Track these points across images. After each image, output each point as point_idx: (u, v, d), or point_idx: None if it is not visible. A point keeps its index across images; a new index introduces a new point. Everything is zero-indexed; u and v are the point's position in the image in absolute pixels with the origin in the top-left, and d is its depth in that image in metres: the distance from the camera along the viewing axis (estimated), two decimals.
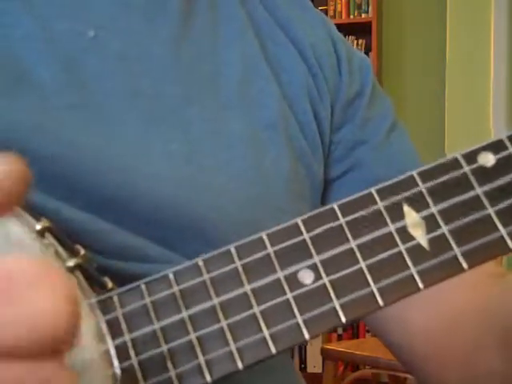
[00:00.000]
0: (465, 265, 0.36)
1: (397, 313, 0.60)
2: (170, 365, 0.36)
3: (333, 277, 0.37)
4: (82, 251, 0.40)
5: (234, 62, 0.58)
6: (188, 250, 0.49)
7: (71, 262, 0.38)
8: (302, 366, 3.67)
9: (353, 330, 3.66)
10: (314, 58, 0.62)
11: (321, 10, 3.68)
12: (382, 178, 0.62)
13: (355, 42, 3.69)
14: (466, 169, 0.38)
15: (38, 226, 0.39)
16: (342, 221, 0.38)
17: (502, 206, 0.37)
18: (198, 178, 0.51)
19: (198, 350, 0.37)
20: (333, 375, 2.47)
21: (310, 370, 3.64)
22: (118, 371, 0.36)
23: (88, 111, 0.50)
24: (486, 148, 0.38)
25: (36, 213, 0.41)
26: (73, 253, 0.40)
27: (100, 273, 0.41)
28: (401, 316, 0.60)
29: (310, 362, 3.65)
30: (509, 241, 0.36)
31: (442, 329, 0.59)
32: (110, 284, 0.40)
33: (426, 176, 0.38)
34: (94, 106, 0.50)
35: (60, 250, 0.39)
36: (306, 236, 0.38)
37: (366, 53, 3.64)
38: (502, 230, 0.36)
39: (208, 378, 0.36)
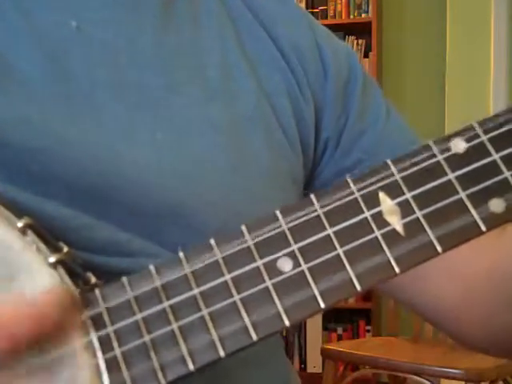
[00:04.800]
0: (439, 248, 0.37)
1: (412, 283, 0.62)
2: (152, 355, 0.37)
3: (311, 264, 0.38)
4: (66, 248, 0.40)
5: (215, 55, 0.58)
6: (172, 241, 0.49)
7: (53, 258, 0.39)
8: (302, 366, 3.66)
9: (353, 329, 3.66)
10: (293, 54, 0.62)
11: (321, 9, 3.68)
12: None
13: (355, 41, 3.68)
14: (439, 155, 0.38)
15: (20, 224, 0.39)
16: (319, 210, 0.39)
17: (473, 189, 0.37)
18: (181, 167, 0.52)
19: (180, 339, 0.37)
20: (333, 375, 2.47)
21: (309, 370, 3.64)
22: (101, 362, 0.37)
23: (73, 102, 0.50)
24: (457, 135, 0.39)
25: (18, 210, 0.41)
26: (56, 250, 0.40)
27: (84, 268, 0.41)
28: (416, 286, 0.62)
29: (310, 361, 3.65)
30: (481, 223, 0.36)
31: (456, 298, 0.60)
32: (93, 279, 0.41)
33: (400, 163, 0.39)
34: (79, 97, 0.50)
35: (42, 246, 0.40)
36: (284, 226, 0.39)
37: (366, 53, 3.65)
38: (474, 213, 0.37)
39: (191, 367, 0.37)
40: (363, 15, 3.67)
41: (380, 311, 3.60)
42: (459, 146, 0.38)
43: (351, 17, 3.69)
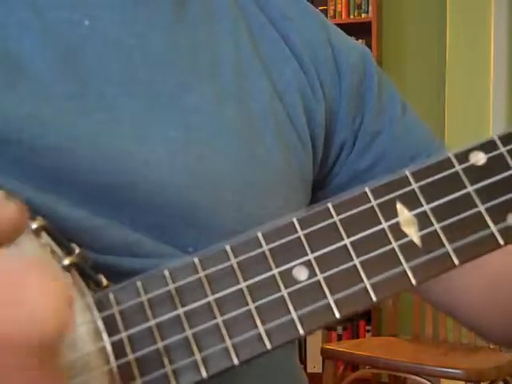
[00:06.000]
0: (456, 261, 0.37)
1: (437, 284, 0.62)
2: (166, 361, 0.37)
3: (327, 273, 0.37)
4: (78, 249, 0.40)
5: (229, 53, 0.58)
6: (184, 241, 0.50)
7: (67, 261, 0.39)
8: (302, 366, 3.67)
9: (353, 329, 3.66)
10: (306, 54, 0.62)
11: (321, 10, 3.68)
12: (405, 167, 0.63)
13: None
14: (458, 168, 0.38)
15: (34, 225, 0.39)
16: (336, 219, 0.38)
17: (492, 203, 0.37)
18: (195, 165, 0.51)
19: (193, 346, 0.37)
20: (333, 375, 2.48)
21: (309, 370, 3.64)
22: (114, 368, 0.37)
23: (86, 100, 0.50)
24: (477, 147, 0.39)
25: (32, 211, 0.41)
26: (68, 251, 0.40)
27: (95, 270, 0.41)
28: (441, 286, 0.62)
29: (310, 361, 3.65)
30: (499, 237, 0.36)
31: (482, 290, 0.61)
32: (104, 281, 0.41)
33: (418, 175, 0.39)
34: (92, 95, 0.50)
35: (56, 248, 0.39)
36: (300, 233, 0.38)
37: None
38: (492, 227, 0.37)
39: (204, 374, 0.37)
40: (363, 15, 3.67)
41: (380, 311, 3.61)
42: (479, 158, 0.38)
43: (351, 17, 3.70)
